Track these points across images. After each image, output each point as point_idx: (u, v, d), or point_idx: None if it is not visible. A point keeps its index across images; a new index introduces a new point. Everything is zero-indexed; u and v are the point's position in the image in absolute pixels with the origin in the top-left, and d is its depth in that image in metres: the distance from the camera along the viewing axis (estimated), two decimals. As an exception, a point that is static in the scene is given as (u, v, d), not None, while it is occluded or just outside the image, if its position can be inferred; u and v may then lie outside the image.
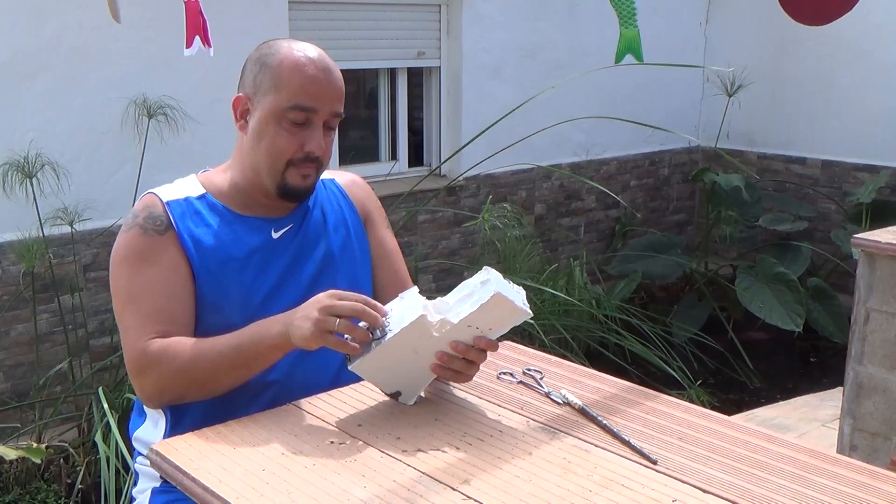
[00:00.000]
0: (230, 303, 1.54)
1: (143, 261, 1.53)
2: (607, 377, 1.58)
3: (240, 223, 1.60)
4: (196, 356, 1.45)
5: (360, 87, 5.18)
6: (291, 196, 1.60)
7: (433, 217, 4.92)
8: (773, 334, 5.04)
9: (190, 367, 1.45)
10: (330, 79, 1.57)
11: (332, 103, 1.57)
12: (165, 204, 1.58)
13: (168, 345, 1.46)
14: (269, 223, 1.62)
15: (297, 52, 1.57)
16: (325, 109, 1.56)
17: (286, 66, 1.55)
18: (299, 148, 1.55)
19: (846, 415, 2.63)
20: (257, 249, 1.59)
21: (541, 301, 4.24)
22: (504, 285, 1.38)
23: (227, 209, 1.61)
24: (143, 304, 1.50)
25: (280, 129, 1.55)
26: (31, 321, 3.57)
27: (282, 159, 1.56)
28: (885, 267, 2.48)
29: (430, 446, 1.31)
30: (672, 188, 6.28)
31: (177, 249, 1.54)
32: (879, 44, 5.33)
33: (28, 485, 3.29)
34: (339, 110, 1.59)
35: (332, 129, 1.60)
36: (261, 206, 1.63)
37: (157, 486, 1.60)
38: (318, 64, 1.57)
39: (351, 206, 1.74)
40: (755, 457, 1.28)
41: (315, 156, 1.57)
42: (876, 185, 5.15)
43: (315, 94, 1.55)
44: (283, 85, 1.55)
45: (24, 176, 3.36)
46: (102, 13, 3.24)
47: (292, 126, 1.55)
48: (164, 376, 1.46)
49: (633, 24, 3.77)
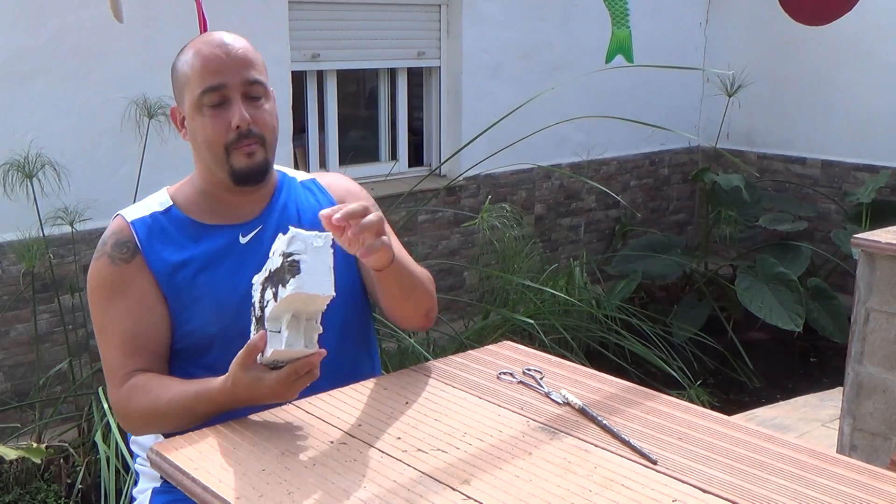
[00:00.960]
0: (203, 313, 1.55)
1: (113, 292, 1.55)
2: (607, 377, 1.58)
3: (206, 233, 1.60)
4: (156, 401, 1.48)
5: (360, 87, 5.18)
6: (246, 179, 1.58)
7: (433, 217, 4.92)
8: (773, 334, 5.04)
9: (152, 411, 1.49)
10: (228, 50, 1.55)
11: (239, 72, 1.54)
12: (131, 225, 1.59)
13: (134, 386, 1.50)
14: (237, 229, 1.61)
15: (194, 43, 1.59)
16: (234, 80, 1.54)
17: (187, 60, 1.57)
18: (227, 128, 1.54)
19: (846, 415, 2.63)
20: (225, 256, 1.58)
21: (541, 301, 4.24)
22: (308, 271, 1.32)
23: (193, 220, 1.61)
24: (113, 338, 1.54)
25: (204, 118, 1.55)
26: (31, 321, 3.57)
27: (219, 146, 1.55)
28: (885, 267, 2.48)
29: (430, 446, 1.31)
30: (672, 188, 6.28)
31: (145, 274, 1.55)
32: (879, 44, 5.33)
33: (28, 485, 3.29)
34: (250, 77, 1.55)
35: (256, 98, 1.56)
36: (228, 210, 1.62)
37: (157, 486, 1.61)
38: (214, 42, 1.56)
39: (332, 203, 1.70)
40: (755, 457, 1.28)
41: (246, 129, 1.54)
42: (876, 185, 5.15)
43: (216, 70, 1.53)
44: (189, 78, 1.56)
45: (24, 176, 3.36)
46: (102, 13, 3.25)
47: (212, 110, 1.54)
48: (134, 419, 1.53)
49: (625, 25, 3.77)
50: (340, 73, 4.73)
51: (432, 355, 3.46)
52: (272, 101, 1.61)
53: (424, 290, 1.63)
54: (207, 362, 1.53)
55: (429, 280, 1.66)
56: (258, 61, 1.59)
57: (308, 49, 4.48)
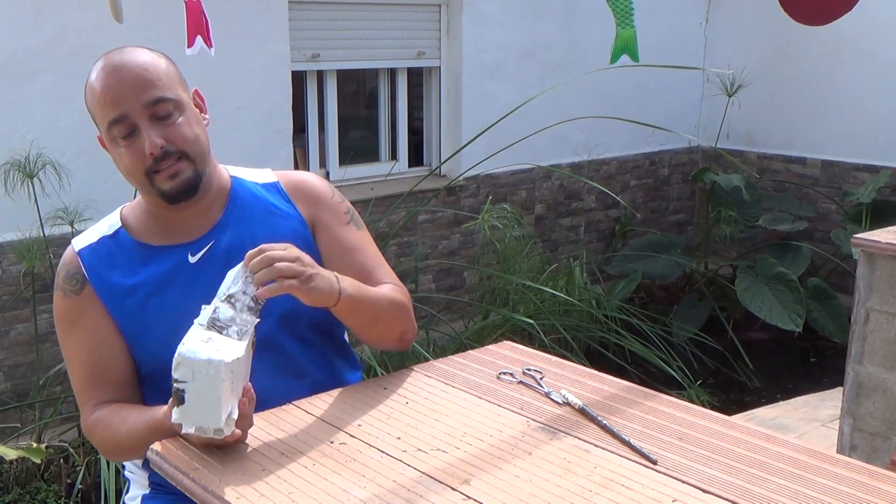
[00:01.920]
0: (157, 339, 1.48)
1: (70, 324, 1.55)
2: (607, 377, 1.58)
3: (154, 255, 1.55)
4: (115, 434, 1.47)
5: (360, 87, 5.18)
6: (177, 198, 1.50)
7: (433, 217, 4.92)
8: (773, 334, 5.04)
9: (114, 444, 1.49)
10: (121, 76, 1.46)
11: (137, 96, 1.45)
12: (78, 255, 1.56)
13: (97, 420, 1.50)
14: (185, 248, 1.55)
15: (92, 74, 1.49)
16: (134, 106, 1.45)
17: (88, 95, 1.50)
18: (143, 157, 1.46)
19: (846, 415, 2.63)
20: (175, 277, 1.53)
21: (541, 301, 4.24)
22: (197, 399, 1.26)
23: (140, 243, 1.56)
24: (76, 369, 1.55)
25: (119, 149, 1.48)
26: (31, 321, 3.57)
27: (140, 174, 1.48)
28: (885, 267, 2.48)
29: (430, 446, 1.31)
30: (672, 188, 6.28)
31: (96, 304, 1.53)
32: (879, 44, 5.33)
33: (28, 485, 3.29)
34: (151, 97, 1.45)
35: (165, 116, 1.47)
36: (176, 229, 1.56)
37: (146, 493, 1.60)
38: (107, 70, 1.47)
39: (295, 212, 1.63)
40: (755, 457, 1.28)
41: (161, 153, 1.46)
42: (876, 185, 5.15)
43: (114, 101, 1.45)
44: (95, 112, 1.49)
45: (24, 175, 3.36)
46: (102, 13, 3.24)
47: (125, 141, 1.47)
48: (103, 450, 1.58)
49: (629, 24, 3.77)
50: (340, 73, 4.73)
51: (432, 355, 3.46)
52: (188, 111, 1.51)
53: (391, 318, 1.56)
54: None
55: (399, 306, 1.57)
56: (160, 75, 1.48)
57: (308, 49, 4.48)
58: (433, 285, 4.92)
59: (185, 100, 1.53)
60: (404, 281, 1.77)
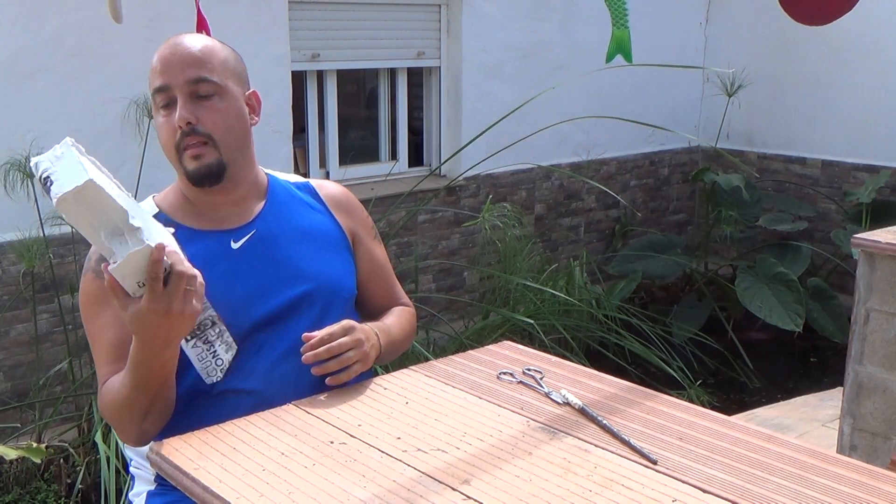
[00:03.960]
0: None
1: (98, 304, 1.54)
2: (607, 377, 1.58)
3: (197, 239, 1.56)
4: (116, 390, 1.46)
5: (360, 87, 5.18)
6: (200, 180, 1.55)
7: (433, 217, 4.92)
8: (773, 334, 5.04)
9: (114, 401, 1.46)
10: (176, 50, 1.54)
11: (183, 71, 1.52)
12: None
13: (107, 385, 1.49)
14: (228, 234, 1.59)
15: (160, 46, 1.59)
16: (178, 79, 1.52)
17: (152, 63, 1.57)
18: (174, 130, 1.53)
19: (846, 415, 2.63)
20: (218, 261, 1.55)
21: (541, 301, 4.24)
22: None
23: (183, 226, 1.57)
24: (100, 349, 1.54)
25: (159, 118, 1.56)
26: (31, 321, 3.57)
27: (171, 147, 1.55)
28: (885, 267, 2.48)
29: (430, 446, 1.31)
30: (672, 188, 6.28)
31: None
32: (879, 44, 5.33)
33: (28, 485, 3.29)
34: (195, 75, 1.52)
35: (205, 97, 1.53)
36: (216, 216, 1.60)
37: (151, 489, 1.60)
38: (167, 44, 1.56)
39: (329, 215, 1.70)
40: (755, 457, 1.28)
41: (188, 129, 1.51)
42: (876, 185, 5.15)
43: (163, 70, 1.53)
44: (149, 81, 1.57)
45: (24, 175, 3.36)
46: (102, 13, 3.25)
47: (164, 111, 1.54)
48: (113, 419, 1.51)
49: (624, 25, 3.79)
50: (340, 73, 4.73)
51: (432, 355, 3.46)
52: (232, 101, 1.56)
53: (407, 345, 1.76)
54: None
55: (411, 332, 1.77)
56: (213, 59, 1.55)
57: (308, 49, 4.48)
58: (433, 285, 4.92)
59: (233, 91, 1.57)
60: (405, 281, 1.81)
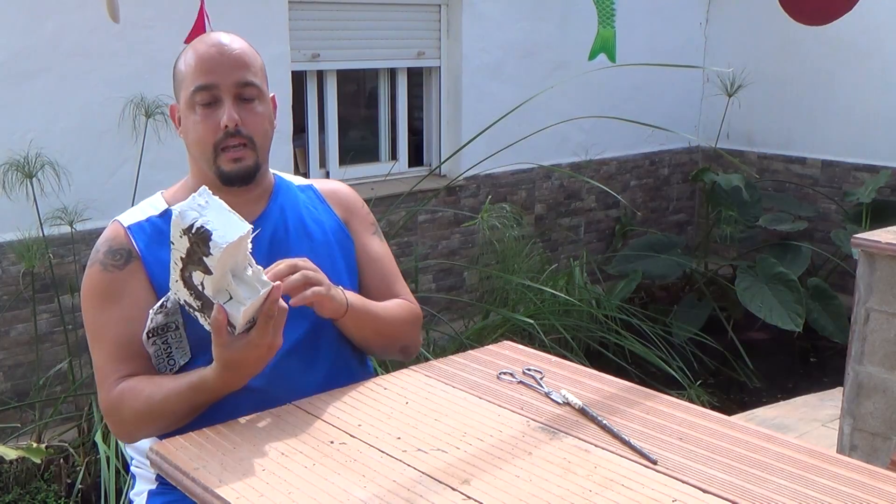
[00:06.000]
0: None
1: (104, 299, 1.54)
2: (607, 377, 1.58)
3: None
4: (149, 400, 1.46)
5: (360, 87, 5.18)
6: (234, 181, 1.58)
7: (433, 217, 4.92)
8: (773, 334, 5.04)
9: (147, 411, 1.47)
10: (223, 51, 1.55)
11: (232, 73, 1.54)
12: (128, 231, 1.58)
13: (126, 389, 1.49)
14: None
15: (195, 42, 1.60)
16: (226, 81, 1.54)
17: (185, 59, 1.58)
18: (216, 127, 1.54)
19: (846, 415, 2.63)
20: None
21: (541, 301, 4.24)
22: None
23: None
24: (105, 344, 1.53)
25: (195, 116, 1.55)
26: (31, 321, 3.57)
27: (208, 145, 1.55)
28: (885, 267, 2.48)
29: (430, 446, 1.31)
30: (672, 188, 6.28)
31: (140, 280, 1.55)
32: (879, 44, 5.33)
33: (28, 485, 3.29)
34: (243, 79, 1.55)
35: (249, 100, 1.56)
36: None
37: (153, 488, 1.60)
38: (211, 42, 1.57)
39: (331, 213, 1.73)
40: (755, 457, 1.28)
41: (234, 129, 1.54)
42: (876, 185, 5.15)
43: (209, 69, 1.54)
44: (185, 75, 1.57)
45: (24, 176, 3.36)
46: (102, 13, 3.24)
47: (204, 109, 1.54)
48: (128, 422, 1.51)
49: (610, 24, 3.79)
50: (340, 73, 4.73)
51: (432, 355, 3.46)
52: (267, 105, 1.61)
53: (395, 331, 1.67)
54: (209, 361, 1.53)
55: (402, 321, 1.68)
56: (255, 63, 1.59)
57: (308, 49, 4.48)
58: (433, 285, 4.92)
59: (267, 95, 1.62)
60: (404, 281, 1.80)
